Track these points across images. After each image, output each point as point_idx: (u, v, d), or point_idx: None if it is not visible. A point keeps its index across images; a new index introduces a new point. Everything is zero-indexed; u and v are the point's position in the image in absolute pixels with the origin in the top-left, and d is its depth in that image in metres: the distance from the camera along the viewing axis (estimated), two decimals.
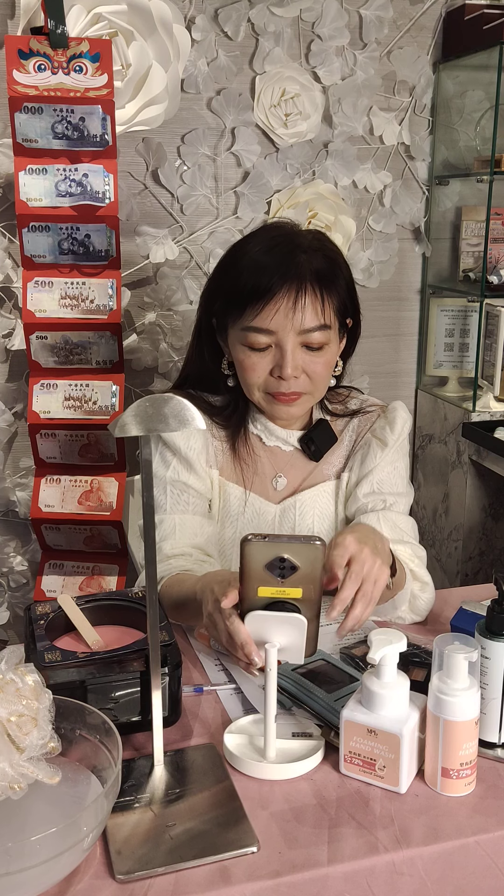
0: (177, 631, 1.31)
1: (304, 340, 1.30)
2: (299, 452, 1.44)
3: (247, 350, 1.32)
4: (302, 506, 1.43)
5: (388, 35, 2.40)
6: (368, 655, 0.96)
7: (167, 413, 0.89)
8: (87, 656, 1.02)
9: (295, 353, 1.30)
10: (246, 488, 1.42)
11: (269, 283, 1.27)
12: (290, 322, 1.28)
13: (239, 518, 1.42)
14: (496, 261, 2.61)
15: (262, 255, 1.30)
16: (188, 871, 0.85)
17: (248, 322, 1.30)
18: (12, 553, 2.40)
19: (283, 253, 1.29)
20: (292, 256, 1.28)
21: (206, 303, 1.41)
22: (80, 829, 0.80)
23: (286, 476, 1.44)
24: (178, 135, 2.30)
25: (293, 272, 1.27)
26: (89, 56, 1.87)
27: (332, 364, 1.36)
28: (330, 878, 0.86)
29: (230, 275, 1.33)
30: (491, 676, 0.99)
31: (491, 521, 2.55)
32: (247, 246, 1.34)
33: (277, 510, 1.43)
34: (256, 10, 2.26)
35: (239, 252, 1.35)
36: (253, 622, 0.99)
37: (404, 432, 1.43)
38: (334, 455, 1.45)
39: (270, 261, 1.28)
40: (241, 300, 1.30)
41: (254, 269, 1.29)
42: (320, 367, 1.33)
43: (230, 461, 1.43)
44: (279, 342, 1.30)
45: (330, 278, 1.31)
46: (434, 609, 1.37)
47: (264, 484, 1.44)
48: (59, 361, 2.03)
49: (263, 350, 1.31)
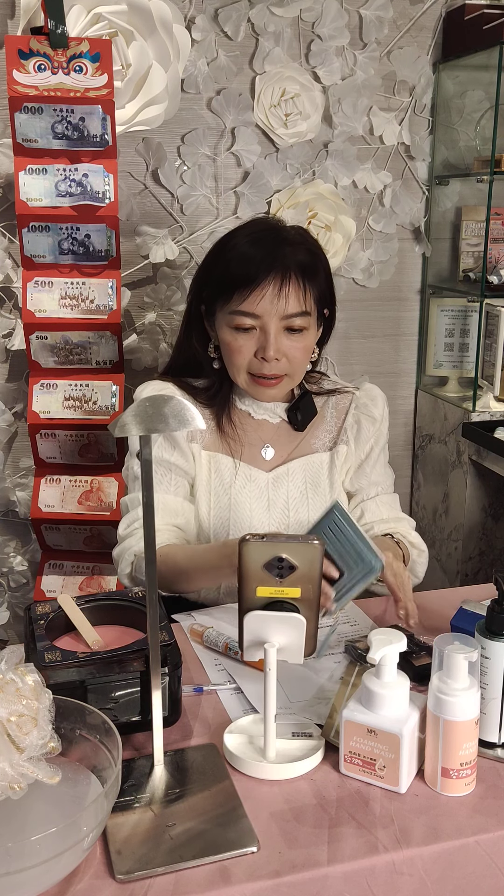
0: (177, 631, 1.31)
1: (286, 325, 1.42)
2: (285, 424, 1.56)
3: (233, 332, 1.44)
4: (293, 474, 1.54)
5: (388, 35, 2.40)
6: (368, 655, 0.96)
7: (167, 413, 0.89)
8: (87, 656, 1.02)
9: (278, 337, 1.42)
10: (235, 458, 1.53)
11: (257, 271, 1.39)
12: (275, 307, 1.40)
13: (231, 486, 1.52)
14: (496, 261, 2.61)
15: (250, 247, 1.42)
16: (188, 870, 0.85)
17: (235, 306, 1.42)
18: (12, 553, 2.40)
19: (270, 245, 1.42)
20: (278, 248, 1.41)
21: (195, 290, 1.53)
22: (80, 829, 0.80)
23: (273, 447, 1.55)
24: (178, 135, 2.30)
25: (279, 263, 1.40)
26: (89, 56, 1.87)
27: (310, 349, 1.49)
28: (330, 878, 0.86)
29: (219, 264, 1.46)
30: (491, 676, 0.99)
31: (491, 521, 2.55)
32: (234, 238, 1.46)
33: (269, 477, 1.54)
34: (256, 10, 2.26)
35: (227, 244, 1.46)
36: (252, 622, 0.99)
37: (386, 408, 1.60)
38: (318, 429, 1.58)
39: (257, 252, 1.41)
40: (230, 287, 1.42)
41: (242, 259, 1.42)
42: (300, 351, 1.45)
43: (216, 436, 1.54)
44: (263, 326, 1.42)
45: (312, 269, 1.44)
46: (434, 609, 1.38)
47: (253, 453, 1.54)
48: (59, 361, 2.03)
49: (248, 331, 1.43)
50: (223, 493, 1.52)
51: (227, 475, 1.52)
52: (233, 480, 1.52)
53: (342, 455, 1.56)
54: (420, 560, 1.56)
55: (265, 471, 1.54)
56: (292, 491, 1.54)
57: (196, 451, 1.52)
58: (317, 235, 2.40)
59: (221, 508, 1.51)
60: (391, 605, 1.41)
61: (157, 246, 2.24)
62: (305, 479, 1.55)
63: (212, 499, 1.52)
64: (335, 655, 1.25)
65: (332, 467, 1.56)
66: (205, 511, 1.52)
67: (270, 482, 1.53)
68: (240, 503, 1.51)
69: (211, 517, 1.52)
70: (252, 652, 1.01)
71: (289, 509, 1.54)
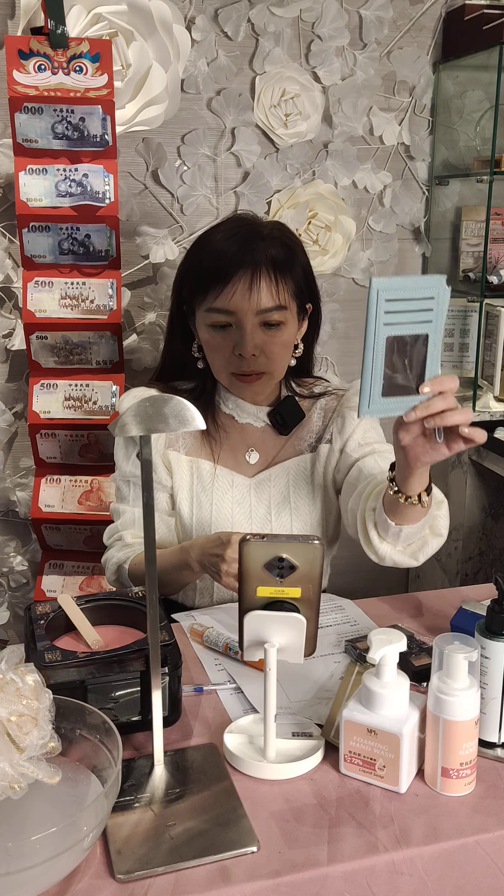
0: (177, 631, 1.31)
1: (261, 320, 1.40)
2: (269, 428, 1.54)
3: (210, 330, 1.43)
4: (277, 478, 1.53)
5: (388, 35, 2.40)
6: (368, 655, 0.96)
7: (167, 413, 0.89)
8: (87, 656, 1.02)
9: (254, 333, 1.40)
10: (214, 462, 1.51)
11: (228, 266, 1.38)
12: (248, 302, 1.38)
13: (213, 490, 1.51)
14: (496, 261, 2.61)
15: (223, 243, 1.42)
16: (188, 870, 0.85)
17: (210, 303, 1.41)
18: (12, 553, 2.40)
19: (243, 240, 1.41)
20: (251, 243, 1.40)
21: (176, 289, 1.52)
22: (80, 828, 0.80)
23: (258, 451, 1.53)
24: (178, 135, 2.30)
25: (249, 257, 1.39)
26: (89, 56, 1.87)
27: (289, 344, 1.46)
28: (330, 878, 0.86)
29: (195, 261, 1.46)
30: (491, 676, 0.99)
31: (491, 521, 2.55)
32: (211, 235, 1.46)
33: (252, 482, 1.52)
34: (256, 10, 2.26)
35: (203, 241, 1.46)
36: (252, 622, 0.99)
37: None
38: (304, 431, 1.55)
39: (230, 247, 1.40)
40: (204, 283, 1.41)
41: (215, 255, 1.41)
42: (277, 347, 1.43)
43: (199, 440, 1.53)
44: (238, 322, 1.40)
45: (285, 264, 1.42)
46: (434, 609, 1.38)
47: (236, 458, 1.53)
48: (59, 361, 2.03)
49: (225, 328, 1.41)
50: (205, 498, 1.51)
51: (207, 479, 1.51)
52: (212, 485, 1.50)
53: (324, 454, 1.52)
54: (440, 513, 1.35)
55: (248, 476, 1.52)
56: (274, 495, 1.51)
57: (174, 459, 1.51)
58: (317, 235, 2.42)
59: (203, 513, 1.51)
60: (391, 605, 1.41)
61: (157, 246, 2.24)
62: (288, 483, 1.52)
63: (194, 504, 1.51)
64: (335, 655, 1.24)
65: (314, 468, 1.53)
66: (187, 516, 1.51)
67: (253, 487, 1.52)
68: (221, 508, 1.50)
69: (193, 522, 1.51)
70: (252, 652, 1.01)
71: (270, 514, 1.51)
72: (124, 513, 1.54)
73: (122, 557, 1.49)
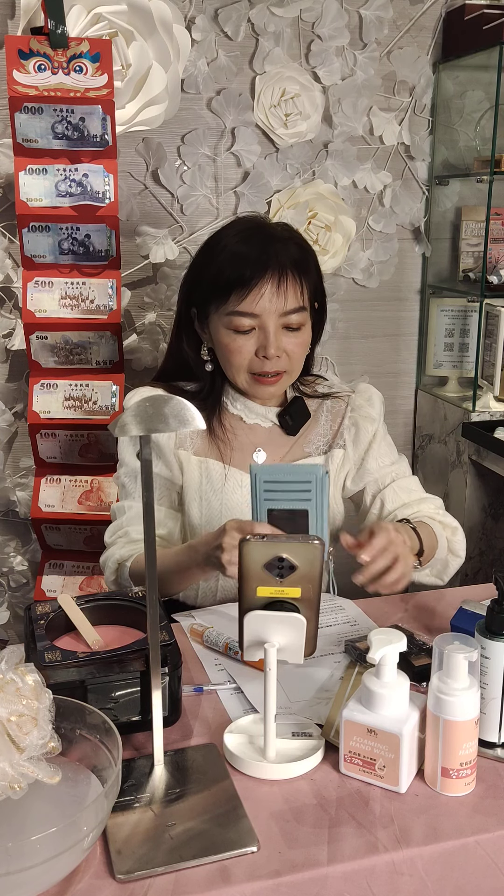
0: (177, 631, 1.31)
1: (284, 322, 1.42)
2: (277, 428, 1.54)
3: (232, 333, 1.42)
4: None
5: (388, 35, 2.40)
6: (368, 655, 0.96)
7: (167, 413, 0.89)
8: (87, 656, 1.02)
9: (278, 334, 1.42)
10: (224, 462, 1.51)
11: (253, 271, 1.38)
12: (274, 305, 1.40)
13: (222, 491, 1.50)
14: (496, 261, 2.61)
15: (241, 246, 1.41)
16: (188, 870, 0.85)
17: (233, 307, 1.41)
18: (12, 553, 2.40)
19: (261, 243, 1.41)
20: (269, 246, 1.40)
21: (185, 294, 1.52)
22: (80, 828, 0.80)
23: (266, 450, 1.53)
24: (178, 135, 2.30)
25: (273, 260, 1.39)
26: (89, 56, 1.87)
27: (307, 344, 1.49)
28: (330, 878, 0.86)
29: (210, 267, 1.44)
30: (491, 676, 0.99)
31: (491, 521, 2.55)
32: (223, 239, 1.45)
33: None
34: (256, 10, 2.26)
35: (216, 245, 1.45)
36: (252, 622, 0.99)
37: (382, 406, 1.59)
38: (312, 433, 1.55)
39: (250, 251, 1.40)
40: (225, 289, 1.41)
41: (234, 259, 1.40)
42: (298, 347, 1.45)
43: (207, 440, 1.52)
44: (263, 325, 1.41)
45: (305, 264, 1.44)
46: (434, 609, 1.38)
47: (244, 458, 1.53)
48: (60, 361, 2.03)
49: (247, 332, 1.42)
50: (214, 498, 1.50)
51: (217, 480, 1.50)
52: (223, 485, 1.50)
53: (338, 459, 1.54)
54: (456, 538, 1.51)
55: None
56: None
57: (184, 458, 1.50)
58: (317, 235, 2.42)
59: (213, 513, 1.50)
60: (391, 605, 1.41)
61: (157, 246, 2.24)
62: None
63: (203, 504, 1.51)
64: (335, 655, 1.24)
65: None
66: (196, 516, 1.51)
67: None
68: (231, 508, 1.49)
69: (202, 522, 1.51)
70: (252, 652, 1.01)
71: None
72: (130, 508, 1.52)
73: (124, 554, 1.47)
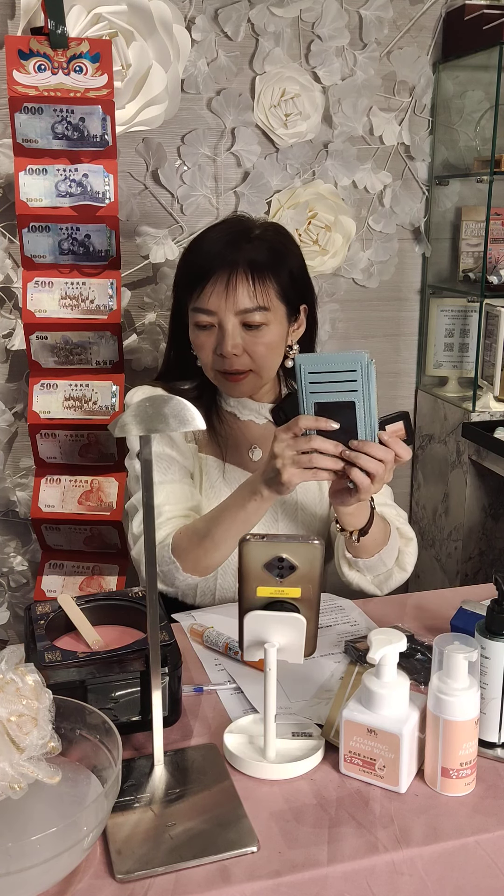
0: (177, 631, 1.31)
1: (242, 320, 1.42)
2: (271, 425, 1.54)
3: (196, 329, 1.46)
4: None
5: (388, 35, 2.40)
6: (368, 655, 0.96)
7: (167, 413, 0.89)
8: (87, 656, 1.02)
9: (234, 333, 1.42)
10: (223, 459, 1.52)
11: (209, 267, 1.41)
12: (225, 303, 1.40)
13: (221, 487, 1.51)
14: (496, 261, 2.61)
15: (210, 244, 1.45)
16: (188, 870, 0.85)
17: (194, 303, 1.44)
18: (12, 553, 2.40)
19: (228, 242, 1.44)
20: (235, 245, 1.42)
21: (174, 288, 1.55)
22: (80, 828, 0.80)
23: (262, 448, 1.54)
24: (178, 135, 2.30)
25: (229, 258, 1.41)
26: (89, 56, 1.87)
27: (274, 345, 1.46)
28: (330, 878, 0.86)
29: (187, 261, 1.49)
30: (491, 676, 0.99)
31: (491, 521, 2.55)
32: (204, 236, 1.50)
33: None
34: (256, 10, 2.26)
35: (196, 241, 1.50)
36: (252, 622, 0.99)
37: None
38: None
39: (210, 248, 1.44)
40: (186, 284, 1.46)
41: (196, 255, 1.46)
42: (261, 347, 1.44)
43: (205, 436, 1.54)
44: (220, 322, 1.42)
45: (267, 265, 1.43)
46: (434, 609, 1.38)
47: (241, 455, 1.54)
48: (59, 361, 2.03)
49: (207, 328, 1.44)
50: (213, 495, 1.51)
51: (215, 477, 1.52)
52: (221, 483, 1.52)
53: None
54: (408, 549, 1.48)
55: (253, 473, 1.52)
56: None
57: (193, 451, 1.53)
58: (317, 235, 2.42)
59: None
60: (391, 605, 1.41)
61: (157, 246, 2.24)
62: None
63: (202, 501, 1.52)
64: (335, 655, 1.25)
65: None
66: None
67: None
68: None
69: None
70: (252, 652, 1.01)
71: (277, 510, 1.53)
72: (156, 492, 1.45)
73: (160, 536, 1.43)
